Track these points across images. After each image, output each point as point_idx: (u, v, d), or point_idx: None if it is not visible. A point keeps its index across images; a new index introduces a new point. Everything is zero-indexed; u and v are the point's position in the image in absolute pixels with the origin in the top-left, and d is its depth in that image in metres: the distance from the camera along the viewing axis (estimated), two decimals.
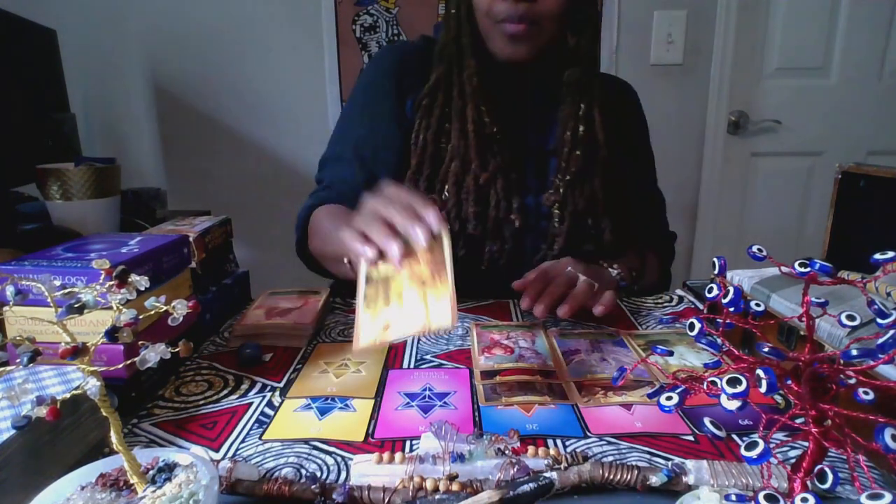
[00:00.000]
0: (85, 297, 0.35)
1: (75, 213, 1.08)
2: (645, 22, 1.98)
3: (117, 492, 0.37)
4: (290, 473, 0.47)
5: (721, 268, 0.38)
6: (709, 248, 2.16)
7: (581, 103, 0.91)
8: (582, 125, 0.91)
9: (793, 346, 0.60)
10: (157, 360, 0.36)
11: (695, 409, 0.55)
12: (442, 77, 0.91)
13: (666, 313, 0.83)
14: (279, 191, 2.03)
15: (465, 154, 0.89)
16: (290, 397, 0.60)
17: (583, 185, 0.91)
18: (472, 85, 0.89)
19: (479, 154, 0.88)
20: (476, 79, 0.89)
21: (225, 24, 1.94)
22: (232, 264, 0.88)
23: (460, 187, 0.89)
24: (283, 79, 1.99)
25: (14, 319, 0.53)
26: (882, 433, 0.28)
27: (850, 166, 0.80)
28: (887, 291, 0.60)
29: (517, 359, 0.67)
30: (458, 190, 0.89)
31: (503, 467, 0.44)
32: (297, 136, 2.03)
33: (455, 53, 0.90)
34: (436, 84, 0.91)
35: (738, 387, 0.32)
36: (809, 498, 0.30)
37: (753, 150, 2.11)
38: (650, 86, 2.02)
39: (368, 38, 1.98)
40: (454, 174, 0.89)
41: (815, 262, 0.34)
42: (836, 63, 2.03)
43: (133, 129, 2.03)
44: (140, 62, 1.97)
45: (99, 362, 0.53)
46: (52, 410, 0.32)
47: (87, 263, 0.56)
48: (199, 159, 2.05)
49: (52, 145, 1.33)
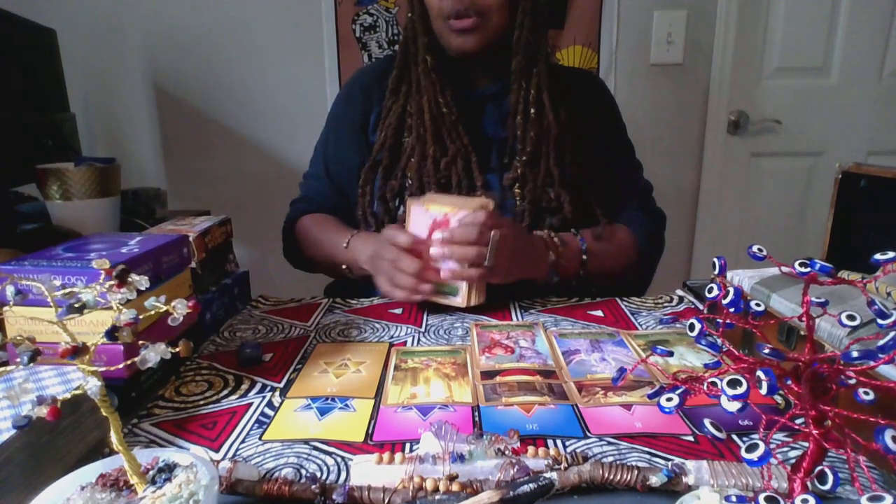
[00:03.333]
0: (85, 297, 0.35)
1: (75, 213, 1.08)
2: (645, 22, 1.97)
3: (117, 492, 0.37)
4: (290, 474, 0.47)
5: (721, 268, 0.38)
6: (709, 247, 2.16)
7: (531, 89, 0.97)
8: (533, 108, 0.97)
9: (793, 346, 0.60)
10: (157, 360, 0.36)
11: (695, 409, 0.55)
12: (401, 75, 1.00)
13: (666, 313, 0.83)
14: (279, 191, 2.01)
15: (424, 141, 0.96)
16: (290, 397, 0.60)
17: (538, 162, 0.97)
18: (429, 79, 0.97)
19: (437, 140, 0.96)
20: (433, 73, 0.97)
21: (225, 24, 1.94)
22: (232, 264, 0.88)
23: (422, 173, 0.95)
24: (283, 79, 1.99)
25: (14, 319, 0.53)
26: (882, 434, 0.28)
27: (851, 166, 0.80)
28: (887, 291, 0.60)
29: (517, 359, 0.68)
30: (419, 175, 0.95)
31: (503, 467, 0.44)
32: (297, 136, 2.03)
33: (413, 53, 0.99)
34: (396, 84, 1.00)
35: (738, 388, 0.32)
36: (809, 499, 0.30)
37: (753, 150, 2.11)
38: (650, 85, 2.02)
39: (368, 37, 1.98)
40: (416, 161, 0.96)
41: (816, 262, 0.34)
42: (836, 63, 2.03)
43: (133, 128, 2.03)
44: (140, 62, 1.97)
45: (99, 362, 0.53)
46: (53, 410, 0.32)
47: (87, 263, 0.56)
48: (199, 159, 2.05)
49: (52, 145, 1.33)
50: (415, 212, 0.85)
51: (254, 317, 0.84)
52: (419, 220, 0.84)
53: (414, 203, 0.85)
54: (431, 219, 0.82)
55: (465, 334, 0.76)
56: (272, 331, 0.78)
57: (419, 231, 0.83)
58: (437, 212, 0.82)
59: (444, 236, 0.79)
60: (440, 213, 0.81)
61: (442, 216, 0.81)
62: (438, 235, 0.80)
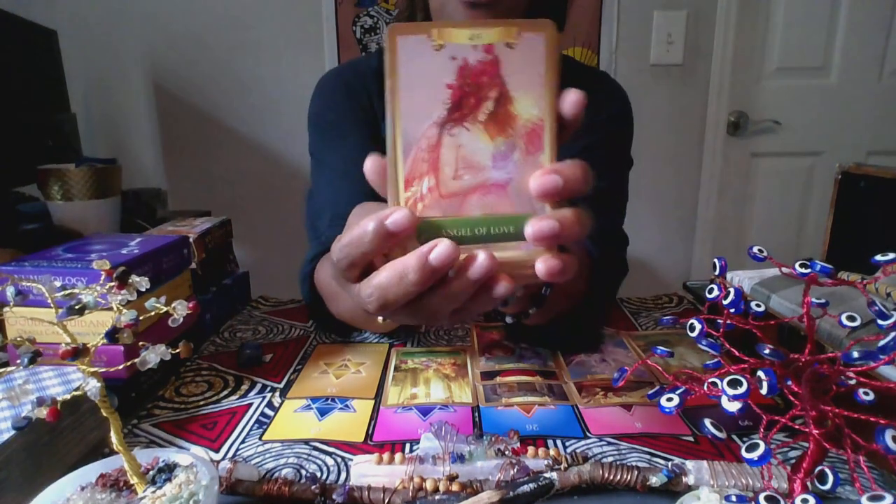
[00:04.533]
0: (85, 298, 0.35)
1: (76, 214, 1.08)
2: (645, 22, 1.97)
3: (117, 492, 0.37)
4: (290, 474, 0.47)
5: (721, 269, 0.38)
6: (709, 248, 2.16)
7: None
8: None
9: (793, 347, 0.60)
10: (157, 362, 0.36)
11: (694, 409, 0.55)
12: None
13: (666, 314, 0.83)
14: (279, 191, 2.02)
15: None
16: (290, 398, 0.60)
17: None
18: None
19: None
20: None
21: (226, 25, 1.94)
22: (232, 265, 0.88)
23: None
24: (284, 79, 1.99)
25: (14, 320, 0.53)
26: (882, 434, 0.28)
27: (851, 166, 0.80)
28: (887, 292, 0.60)
29: (517, 359, 0.67)
30: None
31: (503, 468, 0.44)
32: (297, 137, 2.02)
33: None
34: None
35: (738, 388, 0.32)
36: (810, 499, 0.30)
37: (753, 151, 2.11)
38: (650, 86, 2.02)
39: (369, 39, 1.98)
40: None
41: (816, 262, 0.34)
42: (836, 63, 2.03)
43: (134, 129, 2.03)
44: (141, 63, 1.97)
45: (99, 363, 0.53)
46: (53, 411, 0.32)
47: (87, 264, 0.56)
48: (199, 160, 2.05)
49: (53, 145, 1.33)
50: (407, 49, 0.31)
51: (254, 317, 0.84)
52: (418, 65, 0.31)
53: (401, 33, 0.31)
54: (449, 59, 0.31)
55: (465, 335, 0.76)
56: (272, 331, 0.78)
57: (417, 91, 0.31)
58: (461, 42, 0.31)
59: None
60: (467, 42, 0.31)
61: (480, 48, 0.31)
62: None
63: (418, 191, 0.31)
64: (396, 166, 0.31)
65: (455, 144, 0.31)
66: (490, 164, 0.31)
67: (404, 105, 0.30)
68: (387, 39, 0.31)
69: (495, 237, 0.31)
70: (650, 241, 2.10)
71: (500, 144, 0.31)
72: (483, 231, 0.31)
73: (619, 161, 0.92)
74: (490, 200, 0.31)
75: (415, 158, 0.31)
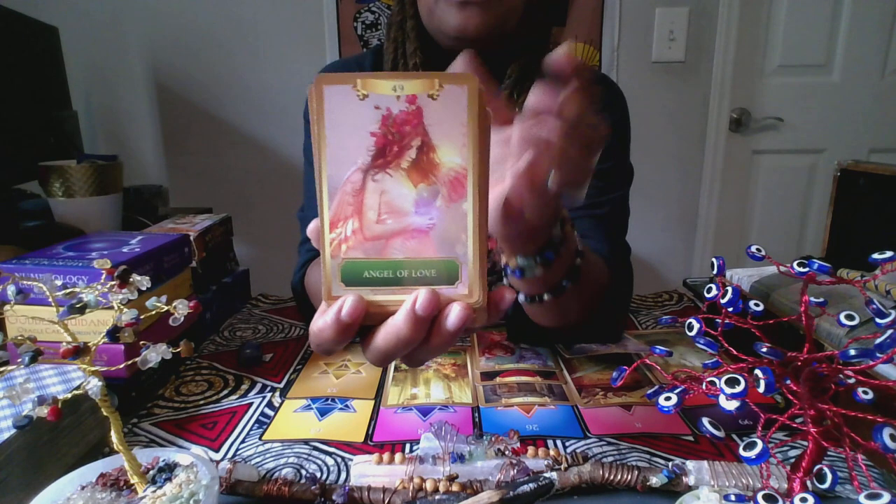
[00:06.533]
0: (86, 297, 0.35)
1: (77, 211, 1.08)
2: (646, 19, 1.97)
3: (117, 492, 0.37)
4: (289, 474, 0.47)
5: (720, 268, 0.38)
6: (709, 246, 2.16)
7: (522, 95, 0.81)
8: None
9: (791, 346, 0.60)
10: (157, 361, 0.36)
11: (695, 409, 0.55)
12: (389, 62, 0.84)
13: (666, 311, 0.83)
14: (280, 189, 2.02)
15: None
16: (290, 398, 0.60)
17: None
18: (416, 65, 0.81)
19: None
20: (418, 60, 0.81)
21: (227, 22, 1.94)
22: (232, 263, 0.88)
23: None
24: (285, 76, 1.99)
25: (15, 319, 0.53)
26: (881, 432, 0.28)
27: (850, 164, 0.79)
28: (887, 289, 0.60)
29: (517, 360, 0.68)
30: None
31: (503, 468, 0.44)
32: (298, 134, 2.02)
33: (401, 39, 0.84)
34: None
35: (736, 387, 0.32)
36: (808, 498, 0.30)
37: (755, 148, 2.11)
38: (651, 83, 2.01)
39: (370, 35, 1.97)
40: None
41: (814, 261, 0.34)
42: (838, 60, 2.03)
43: (135, 126, 2.03)
44: (142, 60, 1.97)
45: (100, 362, 0.53)
46: (53, 410, 0.32)
47: (88, 263, 0.56)
48: (200, 157, 2.05)
49: (55, 142, 1.33)
50: (333, 98, 0.33)
51: (254, 316, 0.84)
52: (343, 113, 0.33)
53: (328, 83, 0.33)
54: (373, 108, 0.32)
55: (465, 335, 0.76)
56: (272, 330, 0.78)
57: (343, 138, 0.32)
58: (384, 93, 0.32)
59: None
60: (391, 94, 0.32)
61: (404, 98, 0.32)
62: None
63: (343, 232, 0.32)
64: (323, 209, 0.32)
65: (379, 190, 0.32)
66: (413, 210, 0.32)
67: (330, 151, 0.31)
68: (314, 88, 0.31)
69: (417, 280, 0.32)
70: (651, 237, 2.10)
71: (422, 191, 0.32)
72: (405, 274, 0.32)
73: (623, 175, 0.89)
74: (412, 245, 0.32)
75: (340, 202, 0.32)
